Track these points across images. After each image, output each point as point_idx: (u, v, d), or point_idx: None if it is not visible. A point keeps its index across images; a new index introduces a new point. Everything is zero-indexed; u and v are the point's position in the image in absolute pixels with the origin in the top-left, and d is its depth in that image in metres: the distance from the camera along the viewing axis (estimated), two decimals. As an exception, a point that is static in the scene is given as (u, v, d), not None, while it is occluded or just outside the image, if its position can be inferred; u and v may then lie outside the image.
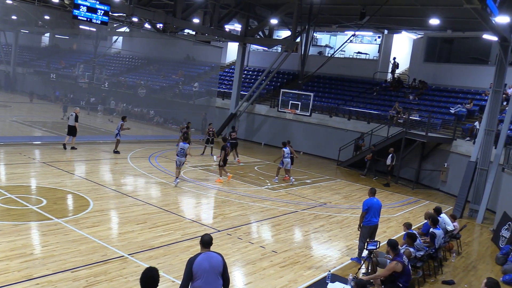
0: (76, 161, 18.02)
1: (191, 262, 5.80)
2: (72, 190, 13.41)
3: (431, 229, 10.53)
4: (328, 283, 8.69)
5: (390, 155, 20.18)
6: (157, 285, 4.86)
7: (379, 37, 31.13)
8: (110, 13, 19.42)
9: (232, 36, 29.57)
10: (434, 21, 22.03)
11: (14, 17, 40.13)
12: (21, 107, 33.18)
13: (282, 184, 18.13)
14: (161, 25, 24.98)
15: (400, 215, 15.75)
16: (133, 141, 23.09)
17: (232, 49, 35.42)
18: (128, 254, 9.20)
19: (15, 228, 9.85)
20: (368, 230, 10.36)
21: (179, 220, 11.94)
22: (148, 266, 5.09)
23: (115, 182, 15.20)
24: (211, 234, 6.18)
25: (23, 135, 22.00)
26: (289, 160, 18.11)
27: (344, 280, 8.87)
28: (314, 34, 31.15)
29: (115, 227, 10.99)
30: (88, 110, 34.53)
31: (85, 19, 18.33)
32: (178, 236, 10.63)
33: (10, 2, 28.74)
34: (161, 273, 8.18)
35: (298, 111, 24.49)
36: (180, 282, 8.10)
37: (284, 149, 18.09)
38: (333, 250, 11.19)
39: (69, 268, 8.26)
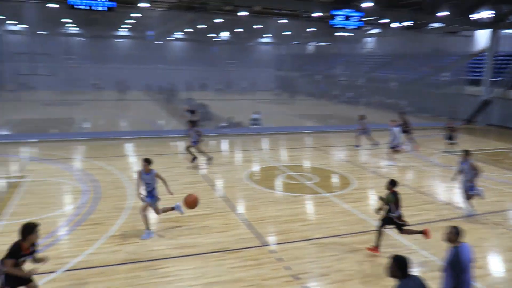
0: (336, 147, 18.96)
1: (456, 254, 5.03)
2: (337, 171, 14.39)
3: None
4: None
5: None
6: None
7: None
8: (363, 19, 19.82)
9: (482, 24, 26.02)
10: None
11: (287, 33, 45.15)
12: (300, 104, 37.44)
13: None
14: (408, 23, 23.97)
15: None
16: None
17: (481, 37, 31.15)
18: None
19: (295, 198, 11.28)
20: None
21: (432, 202, 11.41)
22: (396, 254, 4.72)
23: (375, 165, 15.39)
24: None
25: (294, 125, 24.71)
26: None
27: None
28: None
29: (373, 203, 11.27)
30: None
31: (341, 26, 19.26)
32: (432, 217, 10.20)
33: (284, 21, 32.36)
34: (417, 248, 8.12)
35: None
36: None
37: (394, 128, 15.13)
38: None
39: (336, 234, 8.97)
